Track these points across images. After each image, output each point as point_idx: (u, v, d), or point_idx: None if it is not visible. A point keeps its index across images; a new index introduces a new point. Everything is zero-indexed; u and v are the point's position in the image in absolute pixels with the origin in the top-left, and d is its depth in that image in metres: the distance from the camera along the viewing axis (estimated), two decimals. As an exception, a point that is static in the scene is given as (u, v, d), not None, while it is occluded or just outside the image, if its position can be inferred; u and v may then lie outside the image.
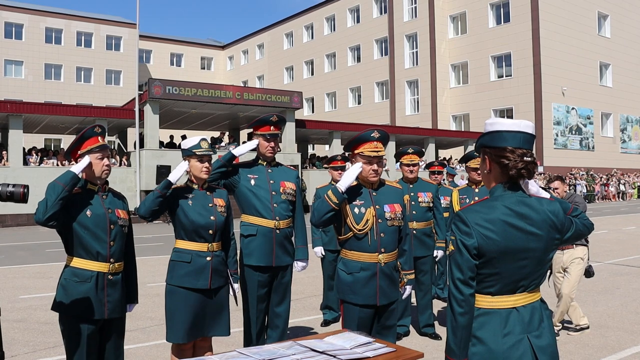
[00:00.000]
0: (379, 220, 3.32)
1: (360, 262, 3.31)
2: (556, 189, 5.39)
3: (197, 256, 3.49)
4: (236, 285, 3.72)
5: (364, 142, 3.35)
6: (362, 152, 3.32)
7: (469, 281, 2.03)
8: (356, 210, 3.32)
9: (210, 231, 3.52)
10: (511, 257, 2.01)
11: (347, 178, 3.26)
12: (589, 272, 5.57)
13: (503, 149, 2.07)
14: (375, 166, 3.32)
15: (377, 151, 3.32)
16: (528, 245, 2.02)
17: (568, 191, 5.68)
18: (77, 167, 3.07)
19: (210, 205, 3.57)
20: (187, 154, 3.57)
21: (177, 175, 3.49)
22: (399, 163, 5.56)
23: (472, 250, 2.01)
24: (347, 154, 3.66)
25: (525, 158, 2.06)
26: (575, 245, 5.44)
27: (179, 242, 3.55)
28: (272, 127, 4.02)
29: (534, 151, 2.19)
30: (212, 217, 3.53)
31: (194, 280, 3.45)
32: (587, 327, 5.58)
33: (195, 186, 3.60)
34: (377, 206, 3.34)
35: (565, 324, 5.70)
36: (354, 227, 3.31)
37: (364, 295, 3.29)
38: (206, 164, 3.55)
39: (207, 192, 3.62)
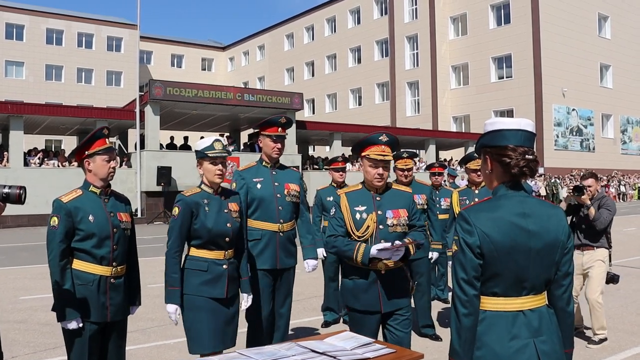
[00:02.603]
0: (380, 227, 3.23)
1: (360, 268, 3.22)
2: (589, 186, 5.18)
3: (214, 264, 3.37)
4: (245, 296, 3.62)
5: (371, 144, 3.26)
6: (368, 155, 3.24)
7: (473, 281, 2.00)
8: (357, 215, 3.25)
9: (227, 239, 3.40)
10: (513, 256, 1.99)
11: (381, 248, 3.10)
12: (613, 279, 5.30)
13: (504, 148, 2.06)
14: (380, 170, 3.23)
15: (384, 155, 3.23)
16: (529, 245, 2.00)
17: (599, 191, 5.39)
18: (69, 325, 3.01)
19: (225, 211, 3.42)
20: (200, 156, 3.41)
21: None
22: (393, 167, 5.57)
23: (475, 248, 1.99)
24: (348, 155, 3.65)
25: (527, 156, 2.04)
26: (595, 247, 5.26)
27: (194, 250, 3.41)
28: (279, 129, 4.03)
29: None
30: (228, 224, 3.40)
31: (211, 289, 3.34)
32: (588, 328, 5.56)
33: (210, 190, 3.44)
34: (379, 212, 3.25)
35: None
36: (354, 233, 3.24)
37: (365, 302, 3.22)
38: (219, 167, 3.39)
39: (222, 197, 3.46)
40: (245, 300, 3.62)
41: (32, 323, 6.19)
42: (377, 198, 3.30)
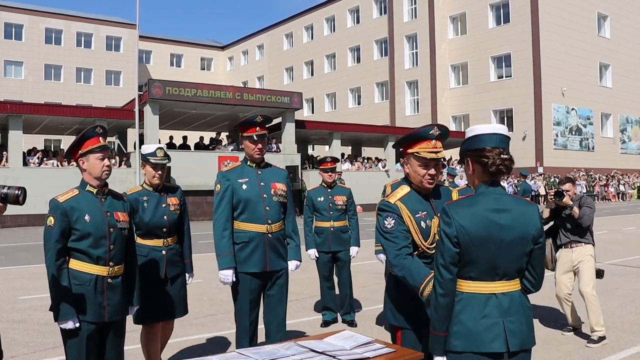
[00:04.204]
0: None
1: None
2: (567, 191, 5.38)
3: (153, 250, 3.94)
4: (187, 275, 4.18)
5: (420, 140, 2.75)
6: (417, 153, 2.74)
7: (450, 266, 2.27)
8: (422, 224, 2.76)
9: (165, 229, 3.95)
10: (486, 246, 2.24)
11: None
12: (599, 273, 5.44)
13: (482, 150, 2.31)
14: (432, 170, 2.75)
15: (436, 152, 2.74)
16: (501, 236, 2.25)
17: (578, 193, 5.66)
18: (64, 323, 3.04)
19: (164, 205, 3.97)
20: (144, 160, 3.93)
21: None
22: (398, 164, 5.55)
23: (453, 238, 2.26)
24: (347, 155, 3.57)
25: (502, 155, 2.28)
26: (584, 243, 5.41)
27: (138, 239, 3.93)
28: (258, 128, 3.90)
29: (533, 152, 2.26)
30: (165, 217, 3.95)
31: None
32: (579, 327, 5.58)
33: (150, 188, 4.01)
34: (438, 215, 2.77)
35: (566, 327, 5.67)
36: (423, 245, 2.75)
37: (423, 320, 2.69)
38: (160, 172, 3.97)
39: (161, 193, 4.02)
40: (188, 280, 4.17)
41: (31, 323, 6.19)
42: (432, 199, 2.88)
